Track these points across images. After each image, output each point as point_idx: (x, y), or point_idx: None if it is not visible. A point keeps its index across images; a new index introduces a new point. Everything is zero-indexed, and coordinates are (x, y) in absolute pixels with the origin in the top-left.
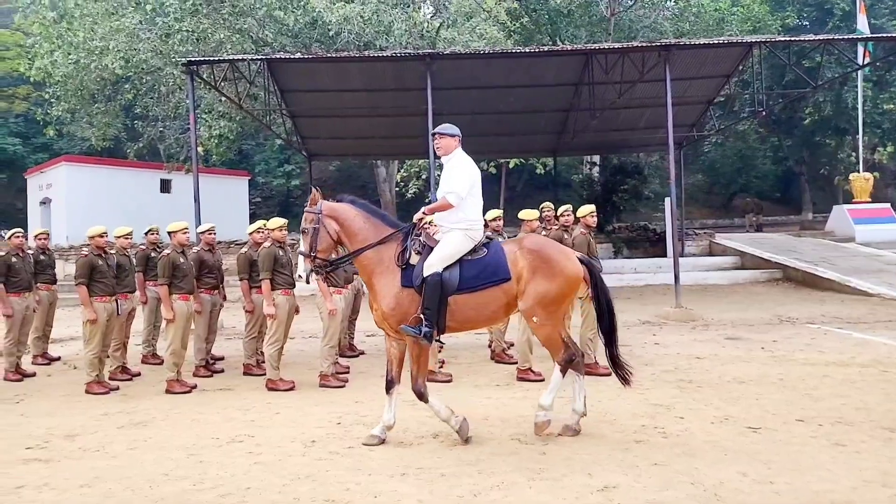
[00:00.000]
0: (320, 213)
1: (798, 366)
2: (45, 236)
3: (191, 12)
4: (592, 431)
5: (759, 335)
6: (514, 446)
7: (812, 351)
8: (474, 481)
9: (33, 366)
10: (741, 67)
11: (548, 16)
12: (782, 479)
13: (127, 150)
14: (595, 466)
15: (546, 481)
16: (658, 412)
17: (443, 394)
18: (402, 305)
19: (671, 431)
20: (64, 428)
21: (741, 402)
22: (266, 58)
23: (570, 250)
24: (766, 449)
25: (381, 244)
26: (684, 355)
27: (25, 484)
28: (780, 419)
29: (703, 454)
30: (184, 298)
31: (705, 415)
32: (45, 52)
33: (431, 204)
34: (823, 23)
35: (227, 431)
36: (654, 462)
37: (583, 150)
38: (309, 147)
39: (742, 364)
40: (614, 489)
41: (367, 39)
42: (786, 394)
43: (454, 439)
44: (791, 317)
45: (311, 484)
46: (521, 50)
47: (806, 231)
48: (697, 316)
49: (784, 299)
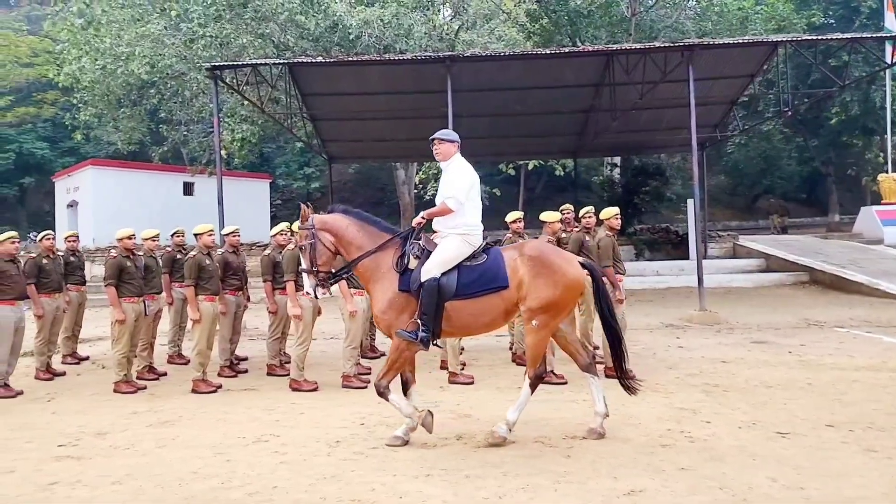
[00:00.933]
0: (313, 228)
1: (827, 370)
2: (74, 238)
3: (214, 18)
4: (617, 435)
5: (786, 339)
6: (538, 449)
7: (841, 355)
8: (499, 483)
9: (63, 365)
10: (766, 67)
11: (567, 17)
12: (813, 484)
13: (152, 153)
14: (621, 470)
15: (571, 484)
16: (684, 416)
17: (466, 395)
18: (395, 309)
19: (698, 436)
20: (94, 426)
21: (769, 406)
22: (288, 62)
23: (571, 255)
24: (796, 454)
25: (380, 250)
26: (709, 359)
27: (59, 480)
28: (809, 424)
29: (731, 459)
30: (209, 300)
31: (732, 419)
32: (73, 58)
33: (430, 209)
34: (850, 21)
35: (253, 431)
36: (680, 466)
37: (603, 152)
38: (329, 150)
39: (769, 368)
40: (641, 493)
41: (386, 43)
42: (815, 398)
43: (477, 441)
44: (819, 320)
45: (337, 484)
46: (541, 51)
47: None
48: (722, 319)
49: (811, 302)
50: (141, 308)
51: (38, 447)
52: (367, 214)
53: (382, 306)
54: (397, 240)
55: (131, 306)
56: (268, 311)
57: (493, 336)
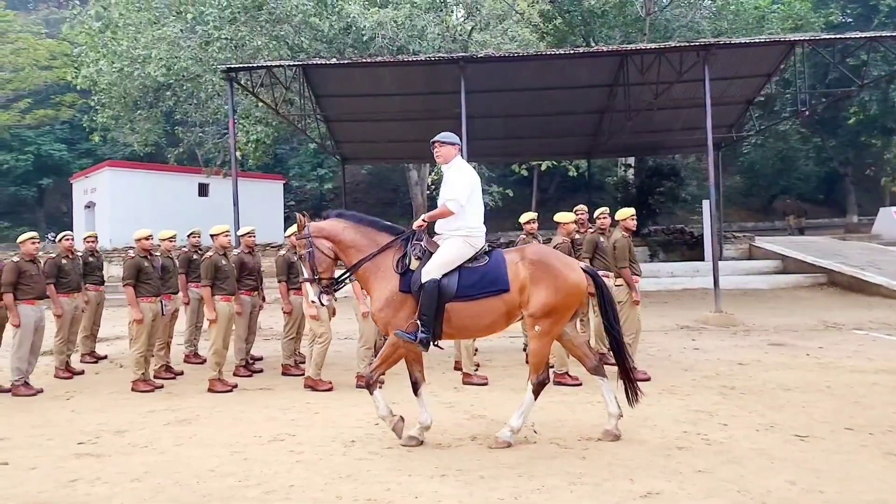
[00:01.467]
0: (310, 237)
1: (846, 373)
2: (93, 239)
3: (229, 20)
4: (633, 437)
5: (803, 341)
6: (554, 450)
7: (860, 358)
8: (514, 484)
9: (82, 364)
10: (783, 66)
11: (581, 17)
12: (832, 488)
13: (168, 155)
14: (637, 472)
15: (587, 486)
16: (700, 418)
17: (480, 396)
18: (392, 307)
19: (715, 438)
20: (113, 424)
21: (787, 409)
22: (303, 63)
23: (573, 260)
24: (815, 457)
25: (380, 254)
26: (726, 361)
27: (79, 478)
28: (827, 427)
29: (748, 462)
30: (226, 300)
31: (750, 422)
32: (91, 60)
33: (431, 212)
34: (868, 20)
35: (269, 430)
36: (697, 469)
37: (617, 153)
38: (342, 151)
39: (787, 371)
40: (657, 495)
41: (400, 44)
42: (833, 401)
43: (492, 442)
44: (837, 323)
45: (353, 483)
46: (555, 52)
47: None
48: (738, 321)
49: (829, 304)
50: (158, 308)
51: (58, 445)
52: (363, 215)
53: (380, 304)
54: (398, 242)
55: (148, 306)
56: (283, 312)
57: (507, 337)
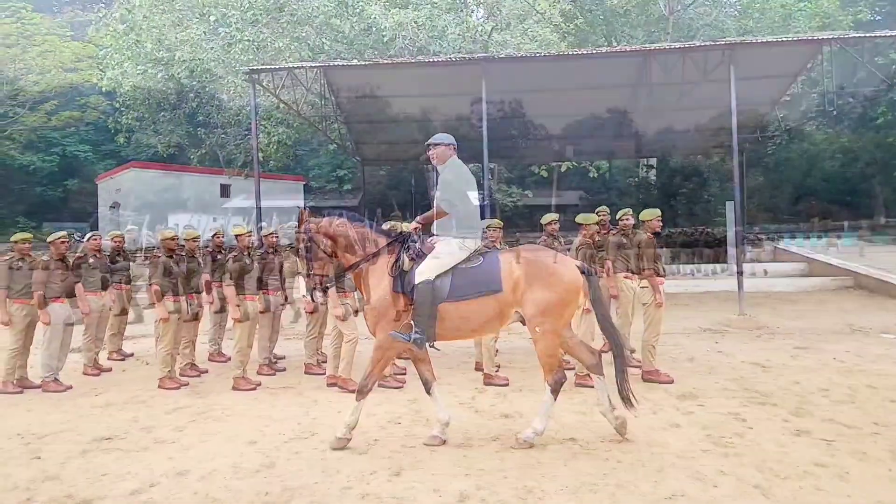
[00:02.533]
0: (310, 233)
1: (872, 377)
2: (120, 239)
3: (251, 22)
4: (656, 439)
5: (830, 345)
6: (576, 450)
7: (887, 362)
8: (537, 484)
9: (109, 361)
10: (809, 65)
11: (603, 16)
12: (859, 492)
13: (190, 155)
14: (660, 474)
15: (610, 487)
16: (724, 421)
17: (501, 397)
18: (382, 306)
19: (739, 441)
20: (141, 420)
21: (812, 413)
22: (324, 65)
23: (568, 259)
24: (841, 462)
25: (376, 255)
26: (749, 364)
27: (109, 472)
28: (854, 431)
29: (773, 465)
30: (249, 299)
31: (774, 425)
32: (116, 63)
33: (424, 213)
34: None
35: (293, 428)
36: (722, 471)
37: (639, 153)
38: (362, 152)
39: (812, 374)
40: (682, 497)
41: (420, 45)
42: (860, 406)
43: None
44: (864, 326)
45: (376, 481)
46: (577, 52)
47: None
48: (762, 324)
49: (856, 308)
50: (183, 307)
51: (87, 440)
52: (361, 218)
53: (371, 304)
54: (394, 244)
55: (174, 305)
56: (305, 312)
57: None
